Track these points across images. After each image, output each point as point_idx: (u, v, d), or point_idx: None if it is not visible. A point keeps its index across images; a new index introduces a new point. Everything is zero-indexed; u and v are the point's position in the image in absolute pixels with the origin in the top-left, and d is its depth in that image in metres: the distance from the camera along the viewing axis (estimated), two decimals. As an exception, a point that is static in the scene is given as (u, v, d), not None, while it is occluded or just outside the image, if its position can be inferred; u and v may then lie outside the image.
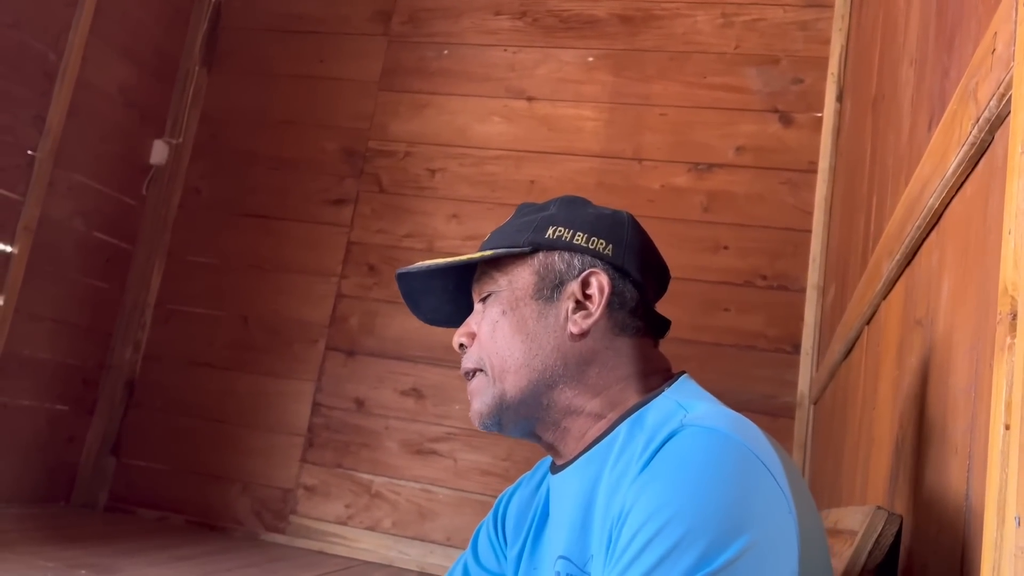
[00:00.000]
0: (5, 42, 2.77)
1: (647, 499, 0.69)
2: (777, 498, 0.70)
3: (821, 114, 2.94)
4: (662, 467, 0.71)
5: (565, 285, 0.87)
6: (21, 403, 2.98)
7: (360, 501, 3.08)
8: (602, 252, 0.88)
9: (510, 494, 1.01)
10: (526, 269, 0.89)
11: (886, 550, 0.90)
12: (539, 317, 0.87)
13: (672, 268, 3.23)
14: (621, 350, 0.87)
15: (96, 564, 2.25)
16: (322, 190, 3.37)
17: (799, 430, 2.74)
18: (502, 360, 0.87)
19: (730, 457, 0.70)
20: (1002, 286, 0.56)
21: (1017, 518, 0.49)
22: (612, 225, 0.90)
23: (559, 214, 0.91)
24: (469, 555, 1.02)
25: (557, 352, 0.86)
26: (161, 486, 3.24)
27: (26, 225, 2.88)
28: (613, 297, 0.87)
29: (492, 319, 0.89)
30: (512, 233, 0.91)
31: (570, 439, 0.87)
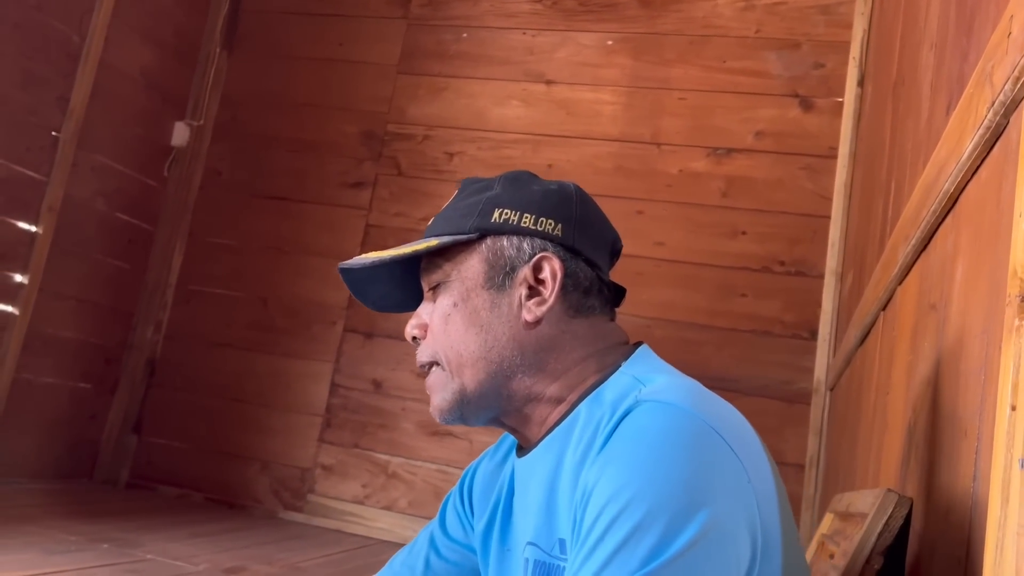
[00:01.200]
0: (29, 24, 2.80)
1: (606, 481, 0.68)
2: (735, 468, 0.70)
3: (842, 99, 2.91)
4: (619, 446, 0.71)
5: (516, 271, 0.85)
6: (45, 380, 3.03)
7: (377, 481, 3.11)
8: (552, 233, 0.85)
9: (475, 467, 1.01)
10: (474, 257, 0.86)
11: (896, 532, 0.91)
12: (492, 307, 0.85)
13: (689, 252, 3.21)
14: (577, 332, 0.85)
15: (118, 539, 2.30)
16: (341, 173, 3.39)
17: (815, 416, 2.74)
18: (458, 354, 0.85)
19: (685, 431, 0.70)
20: (1012, 268, 0.56)
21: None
22: (559, 202, 0.87)
23: (504, 194, 0.88)
24: (436, 526, 1.02)
25: (513, 342, 0.84)
26: (181, 464, 3.29)
27: (50, 205, 2.92)
28: (566, 280, 0.85)
29: (444, 311, 0.86)
30: (457, 218, 0.88)
31: (532, 425, 0.86)
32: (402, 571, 1.02)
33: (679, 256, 3.00)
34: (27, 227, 2.87)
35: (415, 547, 1.03)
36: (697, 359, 2.91)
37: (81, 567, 1.95)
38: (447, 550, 1.00)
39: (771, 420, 2.81)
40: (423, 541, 1.03)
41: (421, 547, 1.02)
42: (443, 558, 1.00)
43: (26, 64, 2.80)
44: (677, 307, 2.96)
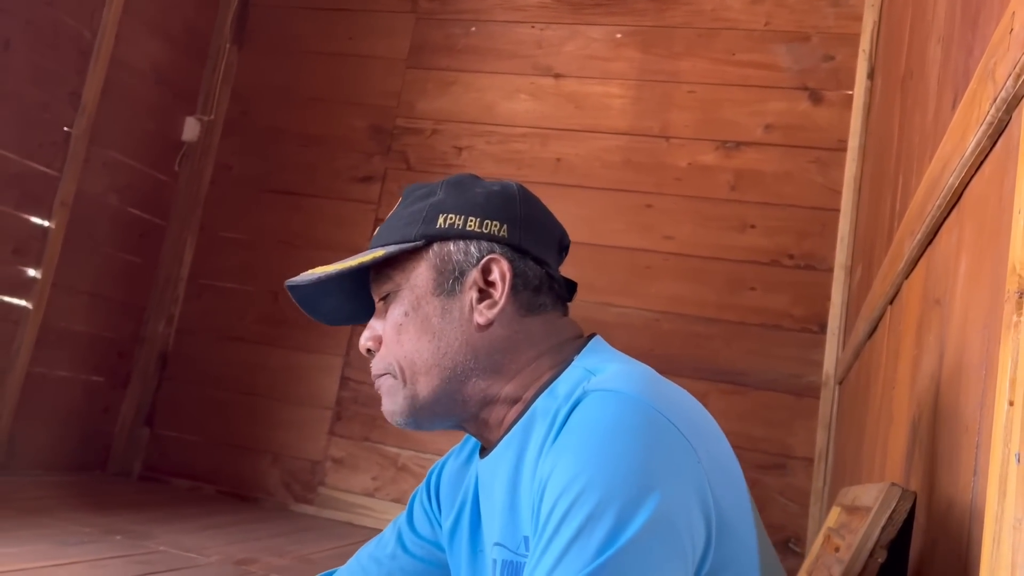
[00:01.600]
0: (41, 20, 2.82)
1: (558, 473, 0.69)
2: (683, 449, 0.70)
3: (852, 92, 2.90)
4: (568, 438, 0.71)
5: (465, 276, 0.85)
6: (59, 374, 3.06)
7: (387, 474, 3.13)
8: (497, 235, 0.85)
9: (441, 465, 1.01)
10: (422, 264, 0.86)
11: (899, 526, 0.91)
12: (443, 313, 0.85)
13: (698, 246, 3.21)
14: (531, 330, 0.85)
15: (131, 530, 2.32)
16: (350, 167, 3.40)
17: (824, 410, 2.74)
18: (411, 363, 0.85)
19: (631, 417, 0.70)
20: (1011, 264, 0.56)
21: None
22: (503, 203, 0.87)
23: (448, 199, 0.87)
24: (404, 522, 1.02)
25: (466, 346, 0.84)
26: (193, 456, 3.32)
27: (63, 200, 2.94)
28: (516, 279, 0.85)
29: (395, 321, 0.86)
30: (401, 227, 0.88)
31: (492, 426, 0.87)
32: (369, 564, 1.01)
33: (688, 250, 3.00)
34: (40, 222, 2.90)
35: (382, 540, 1.03)
36: (706, 353, 2.91)
37: (95, 558, 1.98)
38: (414, 546, 1.00)
39: (780, 414, 2.82)
40: (390, 536, 1.02)
41: (388, 541, 1.02)
42: (410, 553, 1.00)
43: (38, 60, 2.82)
44: (686, 301, 2.96)
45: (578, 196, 3.12)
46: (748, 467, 2.77)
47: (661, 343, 2.95)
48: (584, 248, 3.06)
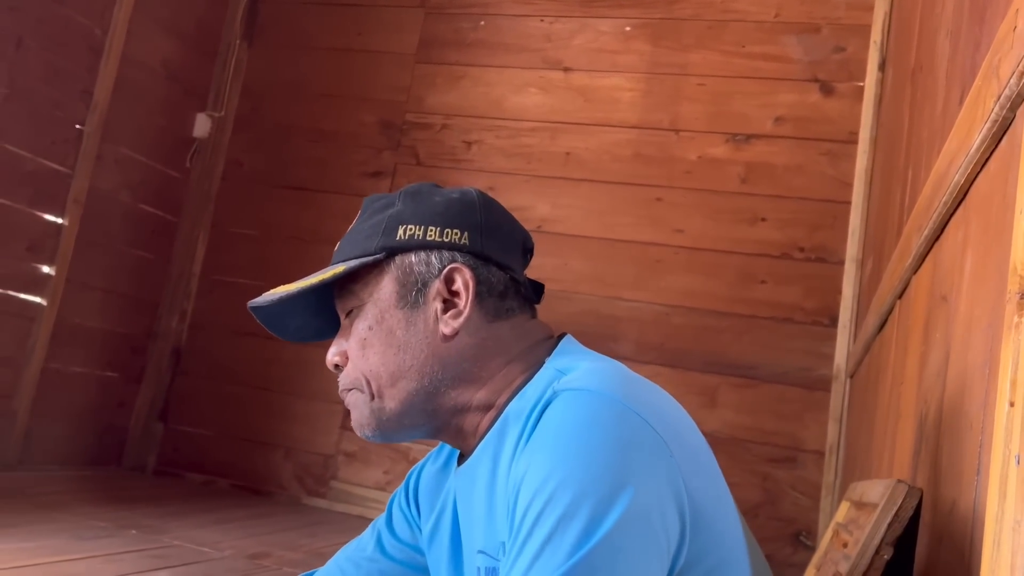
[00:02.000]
0: (52, 18, 2.84)
1: (531, 475, 0.69)
2: (655, 444, 0.70)
3: (863, 83, 2.89)
4: (541, 438, 0.71)
5: (428, 287, 0.84)
6: (73, 370, 3.09)
7: (398, 467, 3.15)
8: (459, 243, 0.85)
9: (419, 469, 1.01)
10: (384, 277, 0.86)
11: (905, 523, 0.91)
12: (408, 325, 0.84)
13: (708, 239, 3.20)
14: (499, 336, 0.85)
15: (145, 525, 2.35)
16: (360, 162, 3.41)
17: (835, 403, 2.73)
18: (377, 376, 0.84)
19: (601, 414, 0.70)
20: (1012, 265, 0.56)
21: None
22: (462, 210, 0.86)
23: (406, 210, 0.86)
24: (383, 524, 1.02)
25: (433, 358, 0.84)
26: (207, 451, 3.34)
27: (75, 197, 2.96)
28: (479, 287, 0.84)
29: (360, 336, 0.85)
30: (362, 240, 0.87)
31: (467, 435, 0.86)
32: (347, 566, 1.01)
33: (698, 243, 2.99)
34: (54, 219, 2.92)
35: (361, 542, 1.03)
36: (717, 346, 2.91)
37: (110, 553, 2.00)
38: (393, 549, 1.00)
39: (791, 407, 2.81)
40: (369, 537, 1.02)
41: (367, 543, 1.02)
42: (388, 556, 1.00)
43: (50, 58, 2.84)
44: (696, 294, 2.96)
45: (588, 190, 3.11)
46: (759, 460, 2.78)
47: (672, 337, 2.94)
48: (594, 242, 3.07)
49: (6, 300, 2.79)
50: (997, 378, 0.62)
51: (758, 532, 2.77)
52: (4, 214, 2.74)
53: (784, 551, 2.74)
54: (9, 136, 2.73)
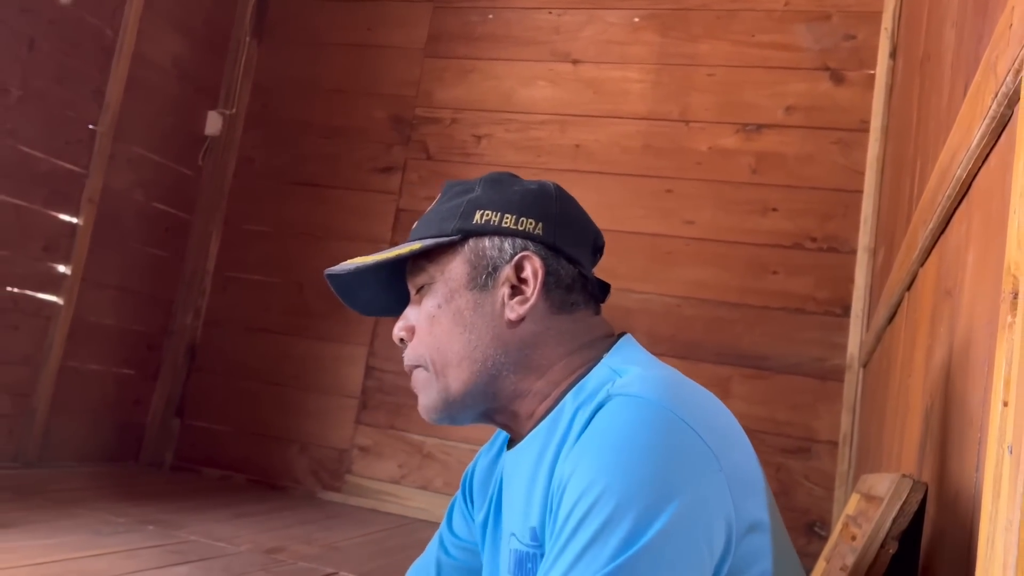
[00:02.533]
0: (64, 19, 2.86)
1: (578, 476, 0.70)
2: (705, 457, 0.71)
3: (874, 71, 2.87)
4: (590, 441, 0.72)
5: (499, 271, 0.86)
6: (90, 367, 3.13)
7: (412, 461, 3.17)
8: (532, 232, 0.86)
9: (473, 466, 1.03)
10: (457, 258, 0.87)
11: (911, 517, 0.91)
12: (475, 307, 0.86)
13: (720, 230, 3.19)
14: (561, 328, 0.87)
15: (163, 520, 2.38)
16: (371, 158, 3.42)
17: (848, 393, 2.72)
18: (443, 355, 0.86)
19: (652, 423, 0.71)
20: (1006, 265, 0.56)
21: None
22: (539, 201, 0.88)
23: (484, 196, 0.89)
24: (444, 526, 1.05)
25: (497, 341, 0.85)
26: (223, 446, 3.37)
27: (90, 197, 2.99)
28: (548, 277, 0.86)
29: (429, 313, 0.88)
30: (439, 221, 0.89)
31: (521, 420, 0.88)
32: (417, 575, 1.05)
33: (709, 234, 2.98)
34: (68, 219, 2.95)
35: (428, 551, 1.06)
36: (729, 338, 2.90)
37: (128, 548, 2.03)
38: (455, 549, 1.03)
39: (804, 397, 2.81)
40: (434, 544, 1.05)
41: (432, 549, 1.05)
42: (452, 556, 1.03)
43: (62, 59, 2.87)
44: (708, 286, 2.95)
45: (598, 182, 3.11)
46: (773, 451, 2.78)
47: (683, 329, 2.94)
48: (605, 235, 3.06)
49: (23, 300, 2.83)
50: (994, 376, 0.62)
51: (772, 523, 2.78)
52: (20, 215, 2.78)
53: (799, 542, 2.74)
54: (23, 137, 2.76)
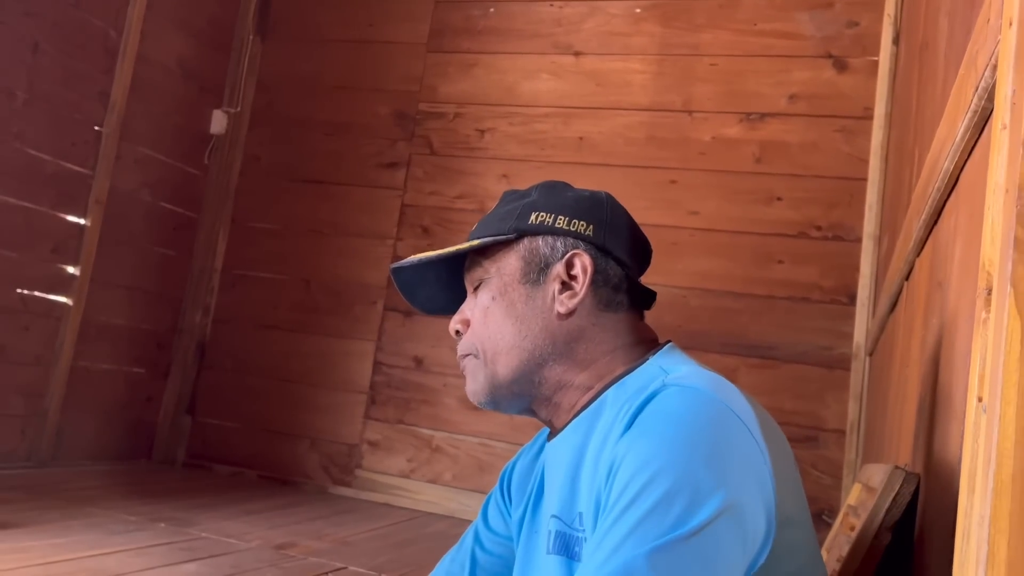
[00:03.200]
0: (68, 22, 2.88)
1: (635, 454, 0.73)
2: (753, 450, 0.74)
3: (877, 58, 2.85)
4: (648, 423, 0.75)
5: (550, 267, 0.91)
6: (101, 367, 3.16)
7: (422, 455, 3.19)
8: (583, 233, 0.91)
9: (513, 464, 1.07)
10: (512, 255, 0.93)
11: (903, 508, 0.92)
12: (527, 300, 0.91)
13: (724, 221, 3.20)
14: (607, 325, 0.91)
15: (175, 518, 2.40)
16: (375, 154, 3.43)
17: (855, 381, 2.72)
18: (494, 343, 0.91)
19: (709, 413, 0.75)
20: (981, 261, 0.57)
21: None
22: (592, 206, 0.94)
23: (540, 199, 0.94)
24: (479, 521, 1.08)
25: (546, 332, 0.90)
26: (234, 443, 3.40)
27: (97, 198, 3.02)
28: (597, 275, 0.90)
29: (484, 304, 0.93)
30: (497, 222, 0.95)
31: (562, 411, 0.92)
32: (452, 568, 1.08)
33: (714, 224, 2.98)
34: (76, 220, 2.98)
35: (462, 545, 1.09)
36: (735, 328, 2.90)
37: (140, 546, 2.05)
38: (490, 543, 1.06)
39: (811, 386, 2.81)
40: (469, 538, 1.09)
41: (467, 544, 1.08)
42: (487, 551, 1.06)
43: (67, 62, 2.89)
44: (713, 276, 2.95)
45: (602, 174, 3.11)
46: (780, 440, 2.78)
47: (689, 319, 2.94)
48: (609, 226, 3.06)
49: (33, 301, 2.86)
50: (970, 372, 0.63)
51: (780, 512, 2.78)
52: (28, 217, 2.80)
53: (807, 530, 2.74)
54: (30, 140, 2.78)
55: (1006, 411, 0.49)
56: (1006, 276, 0.50)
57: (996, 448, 0.49)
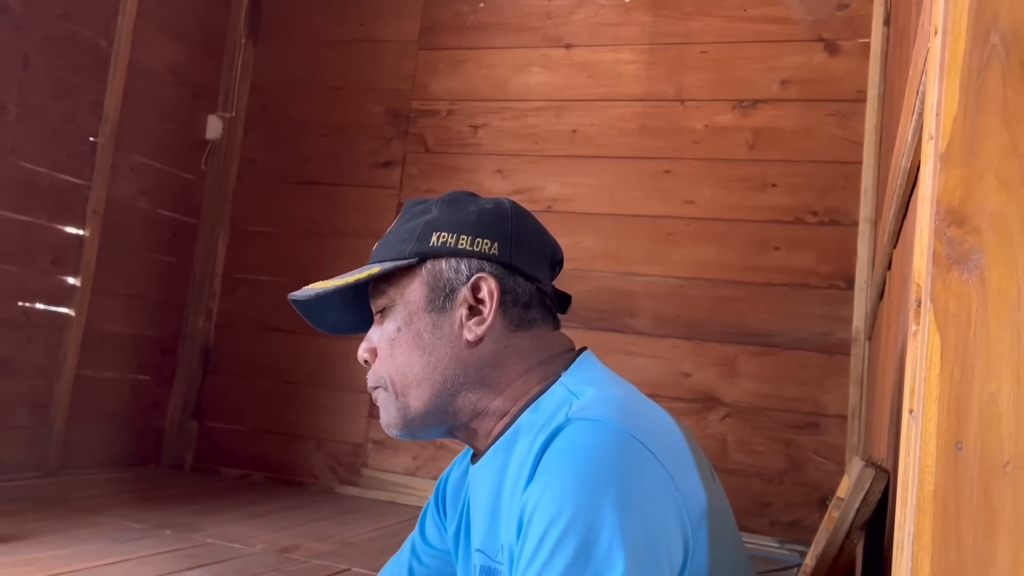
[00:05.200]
0: (58, 34, 2.89)
1: (544, 506, 0.72)
2: (662, 478, 0.74)
3: (868, 40, 2.83)
4: (553, 467, 0.74)
5: (456, 292, 0.88)
6: (106, 375, 3.19)
7: (426, 452, 3.20)
8: (488, 253, 0.88)
9: (446, 476, 1.05)
10: (415, 281, 0.89)
11: (874, 507, 0.92)
12: (434, 329, 0.88)
13: (719, 208, 3.19)
14: (520, 346, 0.89)
15: (180, 524, 2.43)
16: (370, 153, 3.44)
17: (855, 367, 2.72)
18: (403, 376, 0.89)
19: (612, 447, 0.74)
20: (912, 273, 0.57)
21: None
22: (494, 220, 0.90)
23: (441, 217, 0.90)
24: (416, 534, 1.08)
25: (456, 362, 0.87)
26: (241, 446, 3.43)
27: (94, 208, 3.03)
28: (505, 296, 0.88)
29: (389, 336, 0.90)
30: (397, 243, 0.91)
31: (480, 437, 0.90)
32: None
33: (709, 213, 2.97)
34: (75, 231, 3.00)
35: (399, 557, 1.09)
36: (733, 316, 2.90)
37: (144, 555, 2.07)
38: (427, 556, 1.05)
39: (811, 372, 2.80)
40: (406, 551, 1.08)
41: (404, 556, 1.08)
42: (424, 564, 1.05)
43: (58, 74, 2.90)
44: (710, 265, 2.94)
45: (596, 166, 3.11)
46: (781, 427, 2.78)
47: (688, 309, 2.94)
48: (605, 218, 3.06)
49: (36, 313, 2.88)
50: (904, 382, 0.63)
51: (783, 499, 2.79)
52: (27, 230, 2.83)
53: (811, 517, 2.74)
54: (24, 153, 2.80)
55: (927, 427, 0.49)
56: (927, 291, 0.50)
57: (919, 463, 0.49)
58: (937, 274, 0.50)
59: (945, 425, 0.48)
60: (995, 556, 0.46)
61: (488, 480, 0.87)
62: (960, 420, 0.48)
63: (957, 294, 0.50)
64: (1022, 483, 0.47)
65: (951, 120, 0.51)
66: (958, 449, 0.48)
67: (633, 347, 2.95)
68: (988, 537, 0.46)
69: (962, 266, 0.50)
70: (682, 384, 2.90)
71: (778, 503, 2.78)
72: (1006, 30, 0.50)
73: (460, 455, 1.04)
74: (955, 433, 0.48)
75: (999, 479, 0.47)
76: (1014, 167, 0.49)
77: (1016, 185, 0.49)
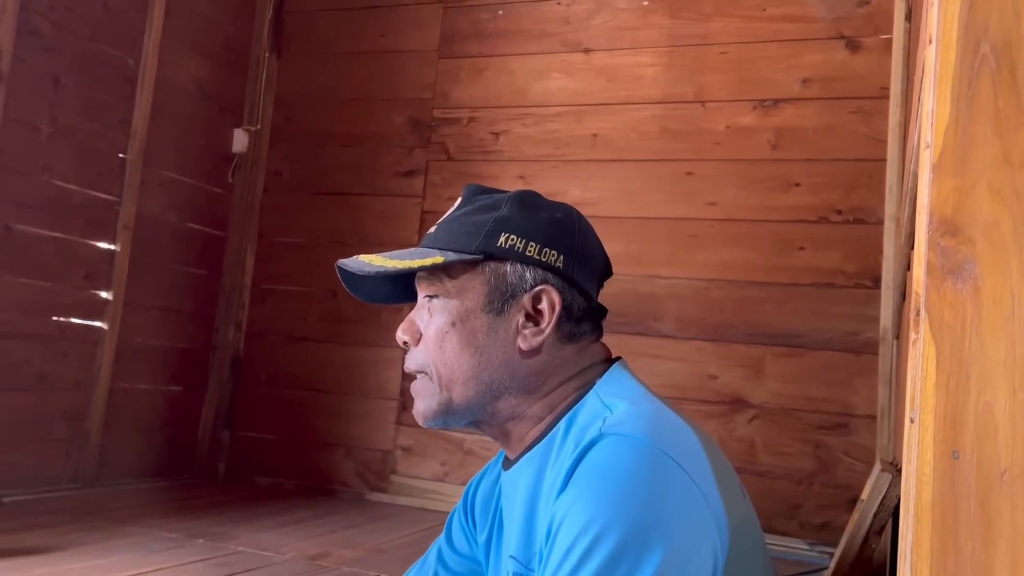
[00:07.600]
0: (86, 54, 2.96)
1: (575, 516, 0.72)
2: (693, 495, 0.74)
3: (890, 36, 2.80)
4: (584, 481, 0.75)
5: (516, 298, 0.87)
6: (139, 387, 3.24)
7: (454, 458, 3.22)
8: (553, 264, 0.88)
9: (477, 481, 1.05)
10: (477, 278, 0.88)
11: (891, 512, 0.91)
12: (489, 331, 0.87)
13: (742, 209, 3.19)
14: (566, 356, 0.89)
15: (213, 533, 2.46)
16: (393, 163, 3.47)
17: (883, 366, 2.69)
18: (450, 371, 0.88)
19: (645, 464, 0.74)
20: (912, 282, 0.57)
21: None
22: (563, 232, 0.90)
23: (512, 219, 0.89)
24: (443, 540, 1.08)
25: (505, 366, 0.87)
26: (272, 454, 3.47)
27: (125, 224, 3.09)
28: (563, 311, 0.88)
29: (440, 328, 0.89)
30: (463, 235, 0.89)
31: (513, 440, 0.91)
32: None
33: (733, 214, 2.96)
34: (106, 246, 3.06)
35: (425, 562, 1.09)
36: (759, 317, 2.88)
37: (177, 564, 2.11)
38: (454, 563, 1.06)
39: (839, 373, 2.78)
40: (432, 557, 1.08)
41: (430, 562, 1.08)
42: (450, 570, 1.06)
43: (87, 93, 2.96)
44: (734, 266, 2.93)
45: (617, 170, 3.11)
46: (810, 428, 2.76)
47: (712, 311, 2.93)
48: (627, 222, 3.06)
49: (70, 328, 2.94)
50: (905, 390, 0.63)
51: (813, 500, 2.77)
52: (60, 246, 2.89)
53: (842, 518, 2.71)
54: (56, 172, 2.86)
55: (924, 436, 0.49)
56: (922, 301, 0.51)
57: (916, 473, 0.49)
58: (932, 284, 0.50)
59: (942, 435, 0.49)
60: (993, 565, 0.46)
61: (522, 487, 0.87)
62: (957, 429, 0.49)
63: (952, 304, 0.50)
64: (1019, 492, 0.47)
65: (943, 130, 0.51)
66: (955, 458, 0.48)
67: (658, 350, 2.94)
68: (986, 546, 0.47)
69: (956, 276, 0.50)
70: (708, 386, 2.89)
71: (808, 505, 2.76)
72: (996, 39, 0.50)
73: (491, 462, 1.05)
74: (952, 442, 0.49)
75: (996, 488, 0.47)
76: (1006, 176, 0.49)
77: (1009, 195, 0.49)
